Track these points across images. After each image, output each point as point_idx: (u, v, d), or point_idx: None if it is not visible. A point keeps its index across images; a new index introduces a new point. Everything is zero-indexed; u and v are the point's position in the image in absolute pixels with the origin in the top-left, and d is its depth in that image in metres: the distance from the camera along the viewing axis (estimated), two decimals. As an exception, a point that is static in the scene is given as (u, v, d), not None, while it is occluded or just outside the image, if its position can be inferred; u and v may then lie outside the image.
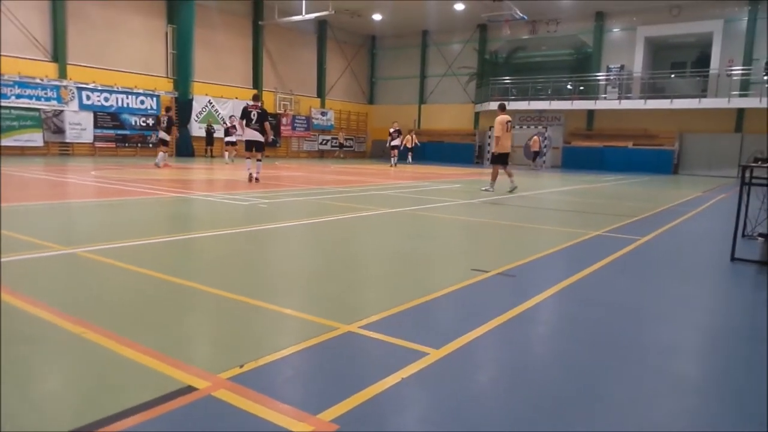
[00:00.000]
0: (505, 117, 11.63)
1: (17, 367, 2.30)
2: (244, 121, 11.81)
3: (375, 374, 2.28)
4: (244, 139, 12.10)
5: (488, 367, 2.53)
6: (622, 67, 27.55)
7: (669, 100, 25.10)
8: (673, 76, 27.84)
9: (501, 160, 11.67)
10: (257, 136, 11.79)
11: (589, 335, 2.96)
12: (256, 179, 11.83)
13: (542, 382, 2.34)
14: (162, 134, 16.60)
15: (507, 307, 3.30)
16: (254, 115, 11.65)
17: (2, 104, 19.76)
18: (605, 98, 27.14)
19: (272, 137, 11.94)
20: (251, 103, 11.92)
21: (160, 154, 16.31)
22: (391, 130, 22.84)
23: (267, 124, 11.93)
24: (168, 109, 17.23)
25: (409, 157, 26.47)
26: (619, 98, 26.68)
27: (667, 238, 6.44)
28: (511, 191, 11.47)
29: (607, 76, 27.82)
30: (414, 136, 26.57)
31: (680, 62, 28.36)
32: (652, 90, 26.39)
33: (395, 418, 1.98)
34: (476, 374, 2.43)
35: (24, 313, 2.93)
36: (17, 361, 2.35)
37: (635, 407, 2.14)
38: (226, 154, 21.39)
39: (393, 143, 22.75)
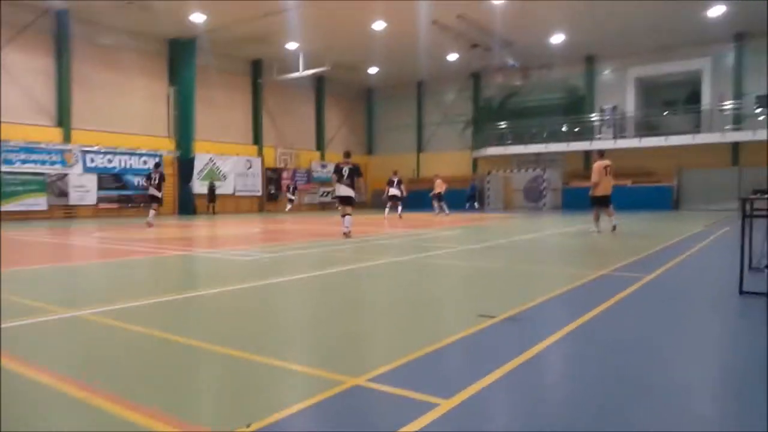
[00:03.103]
0: (603, 162, 12.18)
1: (19, 436, 2.25)
2: (336, 177, 11.97)
3: (386, 428, 2.23)
4: (336, 194, 12.25)
5: (501, 415, 2.47)
6: (614, 108, 28.07)
7: (664, 137, 25.45)
8: (665, 113, 28.33)
9: (600, 202, 12.21)
10: (349, 192, 11.89)
11: (602, 378, 2.90)
12: (345, 233, 11.70)
13: (556, 429, 2.28)
14: (153, 191, 16.01)
15: (516, 353, 3.24)
16: (345, 171, 11.82)
17: (7, 170, 20.10)
18: (600, 138, 27.51)
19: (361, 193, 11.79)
20: (343, 160, 12.12)
21: (152, 212, 15.86)
22: (394, 179, 20.82)
23: (359, 180, 12.09)
24: (157, 165, 17.21)
25: (445, 207, 21.77)
26: (615, 138, 27.05)
27: (673, 275, 6.39)
28: (613, 229, 12.02)
29: (600, 117, 28.31)
30: (440, 181, 22.07)
31: (672, 100, 28.92)
32: (647, 128, 26.80)
33: (407, 474, 1.92)
34: (489, 424, 2.37)
35: (26, 379, 2.89)
36: (19, 428, 2.30)
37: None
38: (288, 205, 27.89)
39: (392, 192, 20.71)
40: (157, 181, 15.95)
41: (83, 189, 22.40)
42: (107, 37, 23.37)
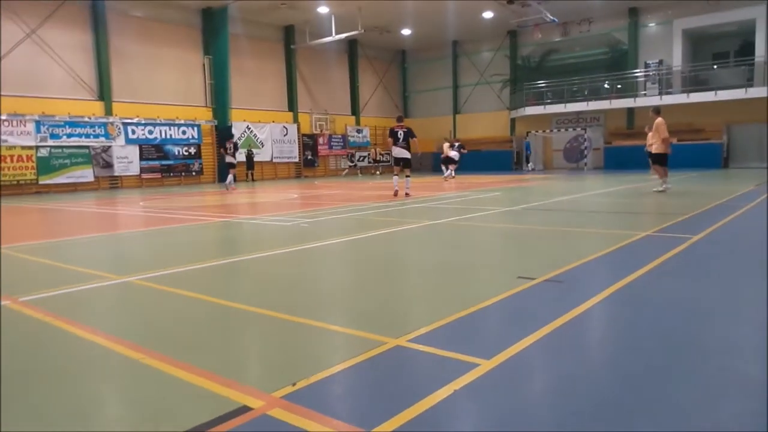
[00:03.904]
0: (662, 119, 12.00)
1: (78, 391, 2.39)
2: (392, 140, 12.79)
3: (426, 387, 2.27)
4: (393, 156, 13.19)
5: (541, 376, 2.48)
6: (660, 62, 26.83)
7: (713, 92, 24.26)
8: (715, 67, 26.91)
9: (665, 160, 11.95)
10: (405, 154, 12.78)
11: (645, 340, 2.86)
12: (407, 194, 12.76)
13: (598, 390, 2.27)
14: (229, 158, 18.30)
15: (557, 314, 3.23)
16: (401, 134, 12.67)
17: (55, 144, 20.79)
18: (645, 95, 26.43)
19: (419, 152, 13.01)
20: (397, 124, 13.04)
21: (230, 176, 18.30)
22: (454, 143, 22.28)
23: (414, 141, 12.85)
24: (232, 136, 19.92)
25: (452, 171, 22.09)
26: (660, 94, 25.93)
27: (722, 236, 6.19)
28: (660, 191, 11.89)
29: (645, 72, 27.13)
30: (448, 145, 22.57)
31: (722, 52, 27.40)
32: (695, 83, 25.56)
33: (449, 431, 1.95)
34: (529, 384, 2.38)
35: (84, 341, 3.05)
36: (77, 387, 2.44)
37: (698, 410, 2.05)
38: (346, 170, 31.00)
39: (451, 154, 21.53)
40: (231, 150, 18.41)
41: (126, 160, 23.01)
42: (141, 9, 23.55)
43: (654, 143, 11.98)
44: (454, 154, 21.70)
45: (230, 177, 18.28)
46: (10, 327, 3.33)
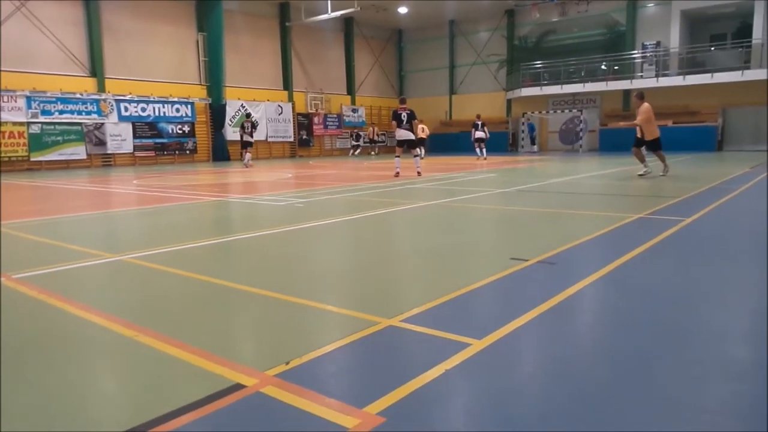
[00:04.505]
0: (649, 104, 11.94)
1: (72, 369, 2.40)
2: (395, 123, 12.92)
3: (419, 367, 2.29)
4: (397, 138, 13.29)
5: (532, 357, 2.51)
6: (658, 44, 26.68)
7: (710, 75, 24.18)
8: (713, 49, 26.77)
9: (659, 144, 11.87)
10: (409, 135, 12.93)
11: (635, 322, 2.89)
12: (419, 172, 13.02)
13: (588, 372, 2.30)
14: (247, 137, 18.85)
15: (549, 296, 3.25)
16: (404, 116, 12.77)
17: (47, 121, 20.57)
18: (642, 77, 26.33)
19: (424, 135, 13.06)
20: (400, 106, 13.12)
21: (248, 155, 18.88)
22: (477, 122, 21.80)
23: (416, 122, 13.02)
24: (249, 115, 20.51)
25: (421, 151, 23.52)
26: (657, 76, 25.83)
27: (715, 218, 6.23)
28: (642, 174, 11.78)
29: (642, 53, 26.97)
30: (423, 126, 22.72)
31: (720, 34, 27.25)
32: (692, 65, 25.46)
33: (440, 409, 1.98)
34: (520, 364, 2.41)
35: (78, 319, 3.06)
36: (72, 364, 2.45)
37: (685, 394, 2.08)
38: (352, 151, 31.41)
39: (477, 135, 21.57)
40: (250, 129, 18.88)
41: (119, 138, 22.82)
42: (134, -18, 23.16)
43: (645, 131, 11.83)
44: (480, 134, 21.69)
45: (248, 156, 18.88)
46: (3, 303, 3.33)
